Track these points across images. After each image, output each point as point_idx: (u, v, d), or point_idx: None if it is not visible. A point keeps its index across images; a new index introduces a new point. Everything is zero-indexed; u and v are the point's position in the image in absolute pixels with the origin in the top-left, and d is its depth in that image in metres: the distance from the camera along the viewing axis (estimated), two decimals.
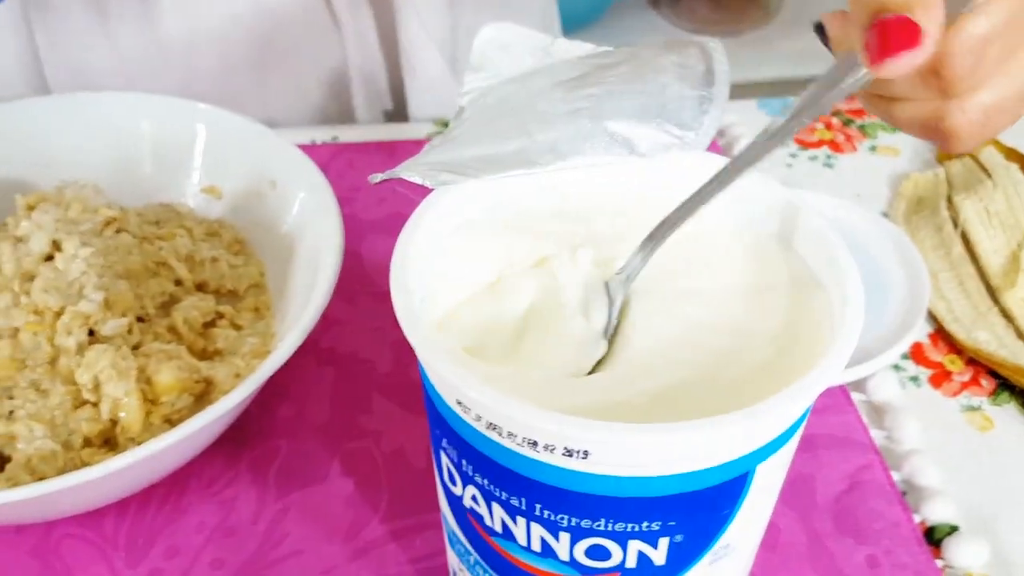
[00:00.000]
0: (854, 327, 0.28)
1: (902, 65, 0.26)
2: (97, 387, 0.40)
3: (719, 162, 0.34)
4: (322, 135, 0.62)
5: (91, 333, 0.42)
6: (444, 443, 0.31)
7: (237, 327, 0.45)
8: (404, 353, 0.48)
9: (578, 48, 0.41)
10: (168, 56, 0.60)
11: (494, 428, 0.27)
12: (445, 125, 0.63)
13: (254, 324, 0.46)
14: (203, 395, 0.42)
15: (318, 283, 0.41)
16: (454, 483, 0.32)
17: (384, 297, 0.51)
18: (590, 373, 0.30)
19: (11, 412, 0.40)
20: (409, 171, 0.33)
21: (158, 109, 0.49)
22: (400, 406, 0.46)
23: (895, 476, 0.45)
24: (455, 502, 0.32)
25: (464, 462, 0.30)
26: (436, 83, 0.64)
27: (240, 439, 0.44)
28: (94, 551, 0.40)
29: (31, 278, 0.42)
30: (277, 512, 0.41)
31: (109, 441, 0.41)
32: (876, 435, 0.46)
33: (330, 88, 0.65)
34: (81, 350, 0.41)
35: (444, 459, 0.31)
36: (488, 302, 0.32)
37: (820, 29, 0.33)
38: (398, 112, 0.68)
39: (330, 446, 0.44)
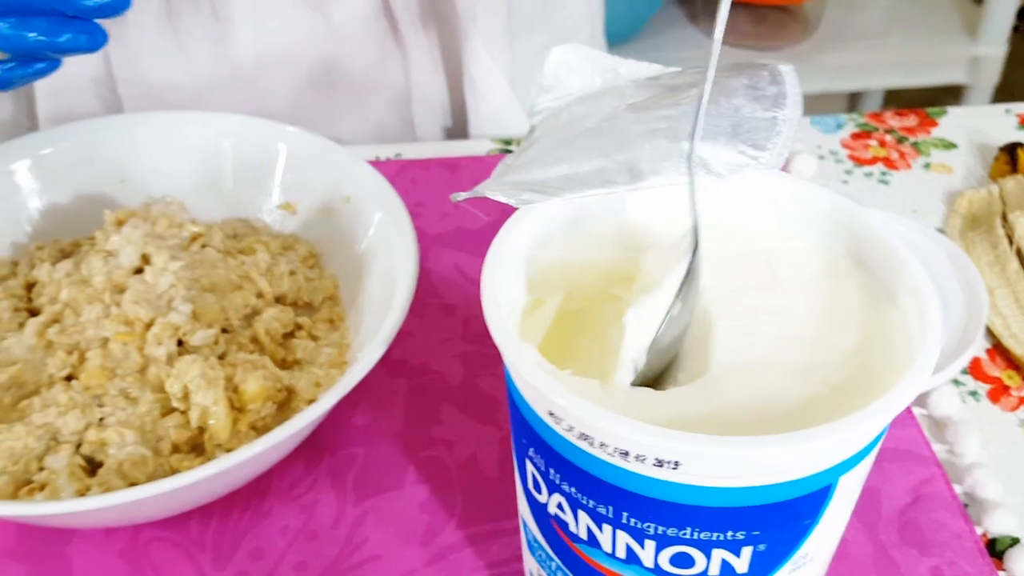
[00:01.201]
0: (933, 344, 0.29)
1: None
2: (186, 396, 0.41)
3: (794, 183, 0.35)
4: (386, 151, 0.63)
5: (180, 343, 0.43)
6: (530, 452, 0.32)
7: (314, 338, 0.47)
8: (472, 365, 0.49)
9: (646, 69, 0.42)
10: (238, 75, 0.62)
11: (586, 439, 0.28)
12: (506, 143, 0.65)
13: (329, 335, 0.47)
14: (284, 403, 0.44)
15: (395, 298, 0.43)
16: (539, 491, 0.33)
17: (450, 310, 0.53)
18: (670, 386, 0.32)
19: (101, 419, 0.42)
20: (493, 190, 0.35)
21: (241, 129, 0.51)
22: (470, 416, 0.47)
23: (957, 489, 0.45)
24: (539, 509, 0.33)
25: (551, 471, 0.31)
26: (497, 102, 0.66)
27: (318, 446, 0.45)
28: (181, 553, 0.41)
29: (121, 290, 0.43)
30: (356, 517, 0.42)
31: (196, 447, 0.42)
32: (938, 449, 0.47)
33: (392, 106, 0.67)
34: (170, 360, 0.43)
35: (529, 467, 0.33)
36: (570, 315, 0.33)
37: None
38: (457, 129, 0.70)
39: (404, 454, 0.45)
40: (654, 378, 0.32)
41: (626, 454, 0.28)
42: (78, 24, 0.39)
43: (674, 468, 0.28)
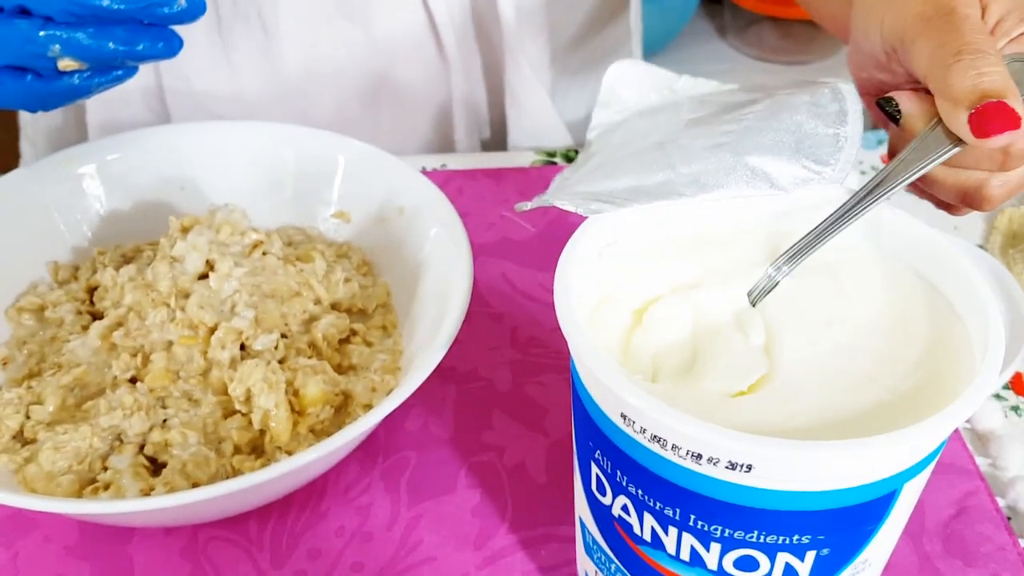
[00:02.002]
0: (998, 357, 0.30)
1: (1002, 140, 0.32)
2: (248, 399, 0.42)
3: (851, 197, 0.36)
4: (431, 162, 0.64)
5: (242, 348, 0.44)
6: (597, 454, 0.33)
7: (368, 344, 0.48)
8: (520, 372, 0.50)
9: (702, 85, 0.43)
10: (286, 87, 0.63)
11: (658, 441, 0.29)
12: (549, 155, 0.66)
13: (383, 341, 0.48)
14: (341, 407, 0.45)
15: (450, 307, 0.44)
16: (603, 493, 0.34)
17: (498, 318, 0.54)
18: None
19: (164, 421, 0.43)
20: (562, 200, 0.36)
21: (303, 139, 0.52)
22: (519, 422, 0.48)
23: (1000, 502, 0.46)
24: (601, 511, 0.34)
25: (618, 473, 0.32)
26: (538, 117, 0.67)
27: (372, 449, 0.46)
28: (240, 552, 0.42)
29: (186, 295, 0.45)
30: (410, 520, 0.43)
31: (256, 449, 0.43)
32: (980, 462, 0.48)
33: (433, 118, 0.68)
34: (233, 364, 0.44)
35: (594, 469, 0.33)
36: (643, 326, 0.34)
37: (888, 103, 0.36)
38: (494, 141, 0.71)
39: (456, 459, 0.46)
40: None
41: (699, 457, 0.29)
42: (154, 31, 0.40)
43: (747, 471, 0.28)
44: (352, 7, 0.62)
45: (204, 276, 0.46)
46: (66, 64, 0.40)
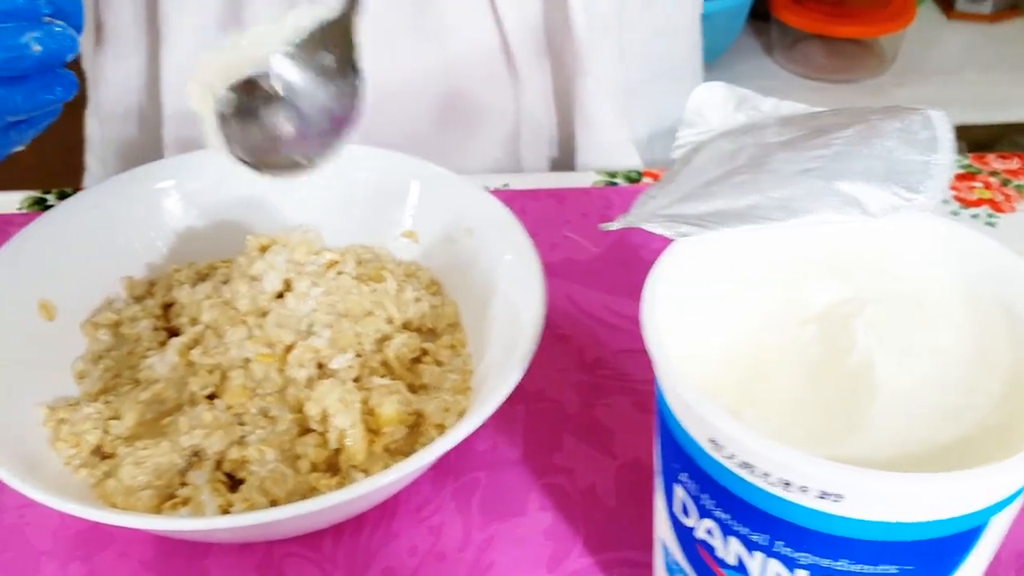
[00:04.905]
0: None
1: None
2: (324, 418, 0.43)
3: (941, 223, 0.36)
4: (493, 182, 0.65)
5: (319, 367, 0.45)
6: (682, 477, 0.33)
7: (439, 363, 0.48)
8: (589, 394, 0.50)
9: (788, 107, 0.43)
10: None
11: (747, 467, 0.29)
12: (611, 175, 0.66)
13: (452, 361, 0.49)
14: (414, 426, 0.45)
15: (524, 328, 0.44)
16: (687, 515, 0.34)
17: (565, 339, 0.54)
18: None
19: (242, 437, 0.43)
20: (649, 222, 0.36)
21: (375, 160, 0.53)
22: (589, 445, 0.48)
23: None
24: (685, 533, 0.34)
25: (705, 496, 0.32)
26: (608, 137, 0.67)
27: (443, 469, 0.46)
28: (315, 569, 0.43)
29: (263, 314, 0.45)
30: (482, 541, 0.43)
31: (331, 467, 0.43)
32: None
33: (500, 137, 0.68)
34: (310, 383, 0.44)
35: (679, 492, 0.34)
36: (727, 351, 0.34)
37: None
38: (562, 161, 0.71)
39: (526, 481, 0.46)
40: None
41: (788, 484, 0.29)
42: (35, 81, 0.39)
43: (836, 501, 0.28)
44: (428, 24, 0.62)
45: (280, 295, 0.46)
46: None
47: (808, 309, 0.35)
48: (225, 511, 0.41)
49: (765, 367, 0.34)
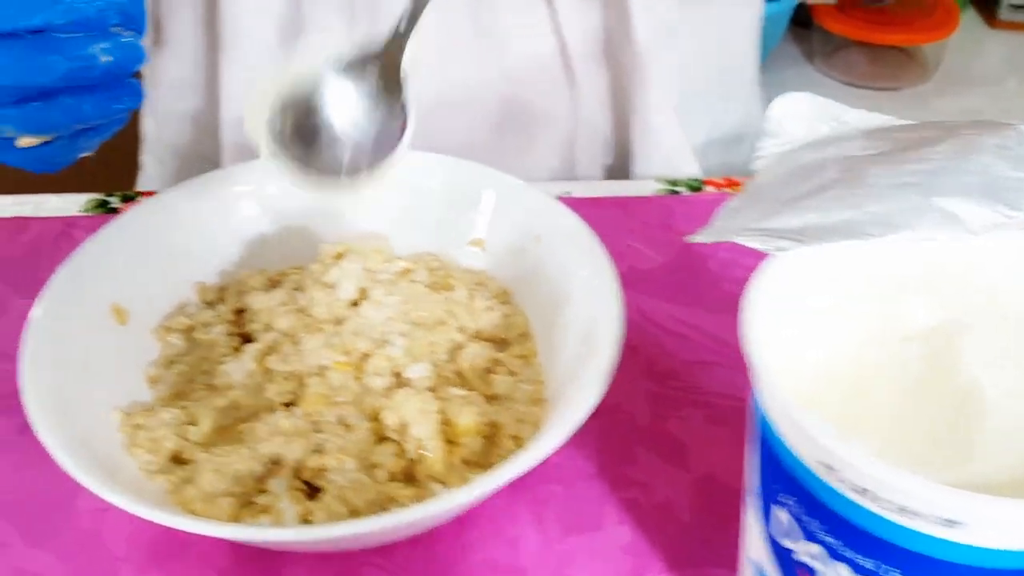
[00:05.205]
0: None
1: None
2: (403, 428, 0.42)
3: None
4: (554, 190, 0.64)
5: (395, 375, 0.44)
6: (783, 497, 0.32)
7: (512, 373, 0.47)
8: (659, 406, 0.50)
9: (875, 119, 0.43)
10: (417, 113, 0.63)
11: (862, 492, 0.29)
12: (672, 184, 0.65)
13: (524, 371, 0.48)
14: (489, 437, 0.44)
15: (602, 339, 0.43)
16: (789, 537, 0.33)
17: (633, 350, 0.53)
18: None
19: (319, 445, 0.43)
20: (741, 236, 0.35)
21: (444, 168, 0.52)
22: (662, 459, 0.47)
23: None
24: (783, 555, 0.34)
25: (810, 519, 0.31)
26: (668, 145, 0.67)
27: (517, 481, 0.45)
28: None
29: (339, 322, 0.45)
30: (561, 555, 0.43)
31: (408, 476, 0.43)
32: None
33: (556, 144, 0.68)
34: (387, 392, 0.44)
35: (779, 513, 0.33)
36: (828, 369, 0.33)
37: None
38: (617, 168, 0.70)
39: (602, 494, 0.46)
40: None
41: (903, 510, 0.28)
42: (105, 91, 0.39)
43: (955, 528, 0.28)
44: (486, 32, 0.62)
45: (354, 303, 0.46)
46: (26, 141, 0.40)
47: (908, 326, 0.34)
48: (305, 519, 0.41)
49: (864, 384, 0.33)
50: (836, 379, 0.33)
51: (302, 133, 0.43)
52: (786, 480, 0.32)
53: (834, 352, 0.34)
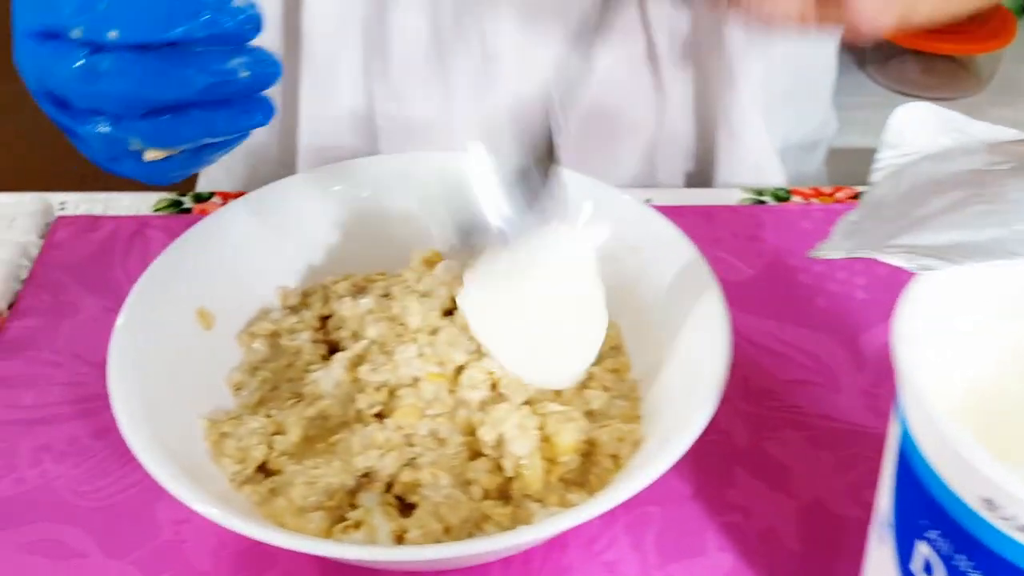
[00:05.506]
0: None
1: None
2: (500, 443, 0.41)
3: None
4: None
5: (492, 388, 0.43)
6: (930, 533, 0.30)
7: (606, 389, 0.46)
8: (757, 427, 0.48)
9: (1002, 132, 0.40)
10: (496, 116, 0.62)
11: None
12: (758, 193, 0.63)
13: (618, 386, 0.46)
14: (586, 455, 0.43)
15: (709, 359, 0.42)
16: (930, 572, 0.31)
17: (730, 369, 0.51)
18: None
19: (412, 459, 0.41)
20: (881, 253, 0.33)
21: None
22: (763, 482, 0.45)
23: None
24: None
25: (962, 558, 0.29)
26: (756, 151, 0.64)
27: None
28: None
29: (433, 331, 0.43)
30: None
31: (503, 494, 0.41)
32: None
33: (640, 148, 0.66)
34: (483, 405, 0.42)
35: (923, 549, 0.31)
36: (980, 396, 0.31)
37: None
38: (698, 174, 0.68)
39: (701, 518, 0.44)
40: None
41: None
42: (237, 105, 0.38)
43: None
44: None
45: (450, 312, 0.44)
46: (152, 155, 0.39)
47: None
48: (398, 536, 0.39)
49: (1009, 406, 0.31)
50: (982, 402, 0.31)
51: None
52: (935, 514, 0.30)
53: (981, 373, 0.32)
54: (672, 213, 0.61)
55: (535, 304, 0.44)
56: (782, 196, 0.63)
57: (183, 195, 0.62)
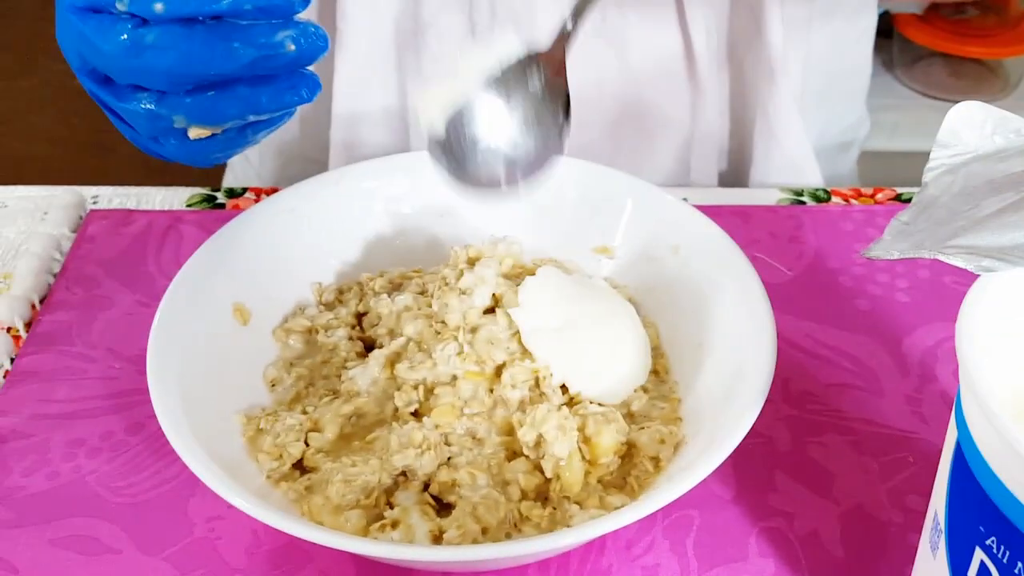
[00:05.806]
0: None
1: None
2: (539, 444, 0.40)
3: None
4: None
5: (534, 387, 0.42)
6: (991, 542, 0.29)
7: (645, 390, 0.45)
8: (799, 431, 0.47)
9: None
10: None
11: None
12: (797, 193, 0.62)
13: (657, 388, 0.46)
14: (625, 457, 0.42)
15: (753, 363, 0.41)
16: None
17: None
18: None
19: (449, 459, 0.41)
20: (941, 253, 0.32)
21: (572, 171, 0.49)
22: (806, 487, 0.44)
23: None
24: None
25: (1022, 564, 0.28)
26: (793, 151, 0.64)
27: None
28: None
29: (473, 330, 0.43)
30: None
31: (540, 495, 0.41)
32: None
33: (674, 146, 0.65)
34: (522, 405, 0.41)
35: (981, 557, 0.30)
36: None
37: None
38: (731, 173, 0.68)
39: (742, 522, 0.43)
40: None
41: None
42: (281, 81, 0.37)
43: None
44: (611, 29, 0.60)
45: (490, 310, 0.44)
46: (196, 132, 0.38)
47: None
48: (436, 536, 0.38)
49: None
50: None
51: (462, 140, 0.41)
52: (997, 523, 0.29)
53: None
54: (708, 213, 0.60)
55: (588, 321, 0.44)
56: (822, 197, 0.62)
57: (216, 190, 0.62)
